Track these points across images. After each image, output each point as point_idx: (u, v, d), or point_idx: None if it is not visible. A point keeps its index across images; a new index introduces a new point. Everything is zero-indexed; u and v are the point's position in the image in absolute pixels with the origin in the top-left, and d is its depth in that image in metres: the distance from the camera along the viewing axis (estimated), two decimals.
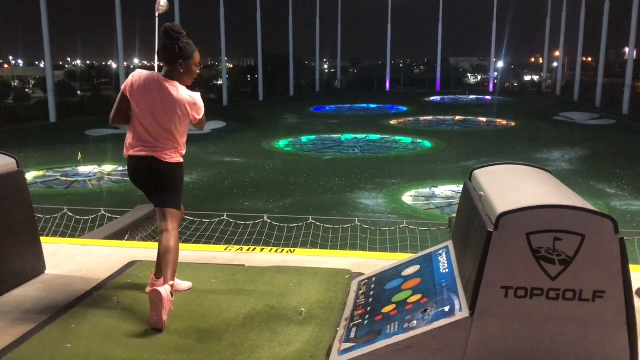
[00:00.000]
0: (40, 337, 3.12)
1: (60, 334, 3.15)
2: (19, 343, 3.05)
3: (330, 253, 5.12)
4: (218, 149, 19.83)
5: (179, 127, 3.43)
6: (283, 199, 13.18)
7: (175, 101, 3.35)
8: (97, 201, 12.23)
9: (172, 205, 3.50)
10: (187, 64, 3.40)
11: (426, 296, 2.97)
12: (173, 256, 3.40)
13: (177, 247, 3.46)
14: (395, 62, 59.29)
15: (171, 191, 3.50)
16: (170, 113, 3.36)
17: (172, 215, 3.50)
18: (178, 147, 3.49)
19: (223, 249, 4.93)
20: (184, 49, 3.36)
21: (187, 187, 15.31)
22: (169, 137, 3.42)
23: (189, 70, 3.43)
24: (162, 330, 3.17)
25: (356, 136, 24.34)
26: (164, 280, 3.33)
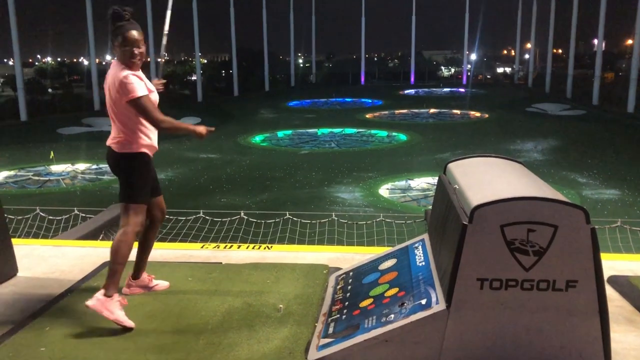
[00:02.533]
0: (13, 342, 3.06)
1: (34, 338, 3.10)
2: None
3: (308, 248, 5.13)
4: (193, 145, 19.64)
5: (116, 110, 3.28)
6: (260, 195, 13.13)
7: (110, 82, 3.29)
8: (70, 200, 12.02)
9: (122, 198, 3.38)
10: (119, 44, 3.25)
11: (403, 289, 2.99)
12: (113, 256, 3.30)
13: (119, 247, 3.31)
14: (369, 56, 59.43)
15: (122, 183, 3.38)
16: (109, 96, 3.32)
17: (123, 210, 3.38)
18: (127, 136, 3.32)
19: (199, 246, 4.89)
20: (114, 31, 3.27)
21: (162, 183, 15.07)
22: (116, 124, 3.34)
23: (122, 51, 3.25)
24: (131, 328, 3.16)
25: (332, 130, 24.36)
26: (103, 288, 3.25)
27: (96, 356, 2.92)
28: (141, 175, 3.40)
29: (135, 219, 3.37)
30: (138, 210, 3.38)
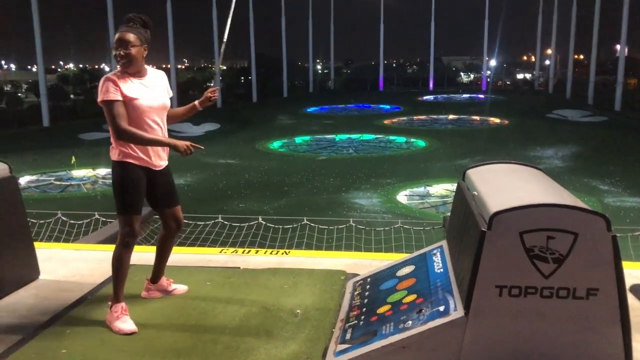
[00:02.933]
0: (35, 343, 3.11)
1: (56, 340, 3.14)
2: (14, 350, 3.04)
3: (325, 254, 5.13)
4: (212, 150, 19.78)
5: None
6: (278, 200, 13.17)
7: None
8: (91, 205, 12.17)
9: (116, 209, 3.34)
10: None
11: (421, 296, 2.98)
12: (112, 270, 3.36)
13: (115, 259, 3.33)
14: (388, 62, 59.36)
15: (113, 192, 3.36)
16: None
17: (118, 221, 3.37)
18: (114, 142, 3.30)
19: (218, 251, 4.92)
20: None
21: (181, 189, 15.24)
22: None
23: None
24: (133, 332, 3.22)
25: (350, 136, 24.35)
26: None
27: (115, 358, 2.95)
28: (125, 186, 3.30)
29: (123, 230, 3.33)
30: (125, 221, 3.32)
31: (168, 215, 3.59)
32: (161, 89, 3.39)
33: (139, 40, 3.22)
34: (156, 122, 3.34)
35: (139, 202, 3.38)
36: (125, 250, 3.35)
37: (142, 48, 3.25)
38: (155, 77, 3.40)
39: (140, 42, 3.24)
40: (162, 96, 3.38)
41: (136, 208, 3.36)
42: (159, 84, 3.39)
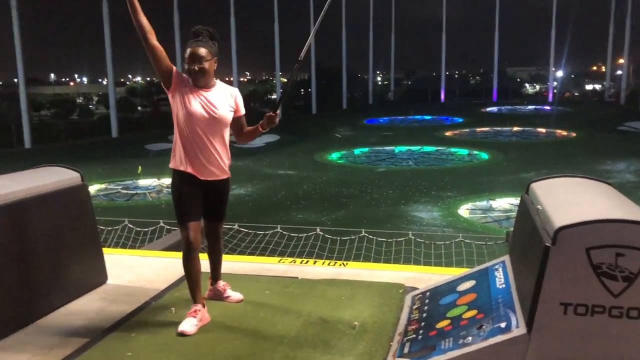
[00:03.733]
0: (102, 345, 3.24)
1: (121, 343, 3.26)
2: (82, 350, 3.17)
3: (384, 267, 5.09)
4: (272, 161, 20.08)
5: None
6: (336, 212, 13.19)
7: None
8: (156, 213, 12.59)
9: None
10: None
11: (482, 312, 2.91)
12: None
13: (183, 265, 3.44)
14: (450, 73, 58.62)
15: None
16: None
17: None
18: (172, 151, 3.45)
19: (276, 261, 4.98)
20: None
21: (241, 199, 15.50)
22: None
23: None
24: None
25: (410, 148, 24.14)
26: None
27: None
28: (177, 194, 3.42)
29: (182, 235, 3.42)
30: (181, 229, 3.42)
31: (208, 228, 3.64)
32: (222, 104, 3.35)
33: (210, 54, 3.25)
34: (205, 134, 3.30)
35: (191, 211, 3.40)
36: (187, 257, 3.40)
37: (213, 61, 3.28)
38: (222, 91, 3.38)
39: (212, 55, 3.26)
40: (219, 111, 3.32)
41: (188, 216, 3.39)
42: (223, 99, 3.36)
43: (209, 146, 3.32)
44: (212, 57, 3.26)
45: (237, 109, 3.46)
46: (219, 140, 3.36)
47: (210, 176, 3.39)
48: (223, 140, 3.39)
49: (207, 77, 3.26)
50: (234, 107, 3.43)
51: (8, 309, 3.43)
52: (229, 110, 3.39)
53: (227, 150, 3.45)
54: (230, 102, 3.40)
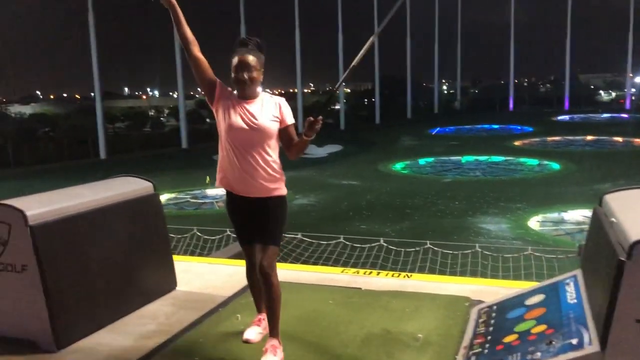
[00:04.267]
0: (172, 350, 3.36)
1: (189, 347, 3.36)
2: (153, 354, 3.30)
3: (449, 279, 5.00)
4: (335, 171, 20.16)
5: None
6: (400, 223, 13.07)
7: None
8: (223, 222, 12.89)
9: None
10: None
11: (551, 327, 2.81)
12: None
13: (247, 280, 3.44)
14: (519, 81, 57.02)
15: None
16: None
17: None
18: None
19: (340, 271, 4.99)
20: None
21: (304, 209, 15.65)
22: None
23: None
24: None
25: (477, 158, 23.61)
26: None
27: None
28: (228, 213, 3.32)
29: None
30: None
31: (255, 250, 3.24)
32: (264, 114, 3.07)
33: (259, 63, 3.07)
34: (245, 147, 3.04)
35: (239, 233, 3.32)
36: (247, 275, 3.42)
37: (261, 72, 3.10)
38: (266, 101, 3.12)
39: (260, 65, 3.09)
40: (259, 120, 3.04)
41: (240, 240, 3.34)
42: (265, 109, 3.09)
43: (250, 160, 3.05)
44: (260, 67, 3.09)
45: (283, 119, 3.14)
46: (261, 153, 3.06)
47: (251, 192, 3.11)
48: (266, 153, 3.08)
49: (253, 87, 3.07)
50: (278, 117, 3.12)
51: (86, 310, 3.62)
52: (271, 119, 3.08)
53: (274, 165, 3.11)
54: (273, 111, 3.11)
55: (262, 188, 3.10)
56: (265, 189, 3.11)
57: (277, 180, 3.14)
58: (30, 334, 3.44)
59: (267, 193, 3.12)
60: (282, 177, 3.17)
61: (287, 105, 3.17)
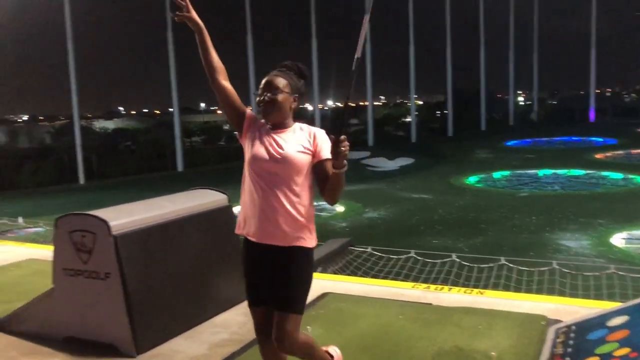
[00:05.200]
0: (244, 358, 3.43)
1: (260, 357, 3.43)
2: None
3: (524, 297, 4.83)
4: (406, 185, 19.96)
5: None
6: (473, 238, 12.75)
7: None
8: None
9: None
10: None
11: (636, 350, 2.66)
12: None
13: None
14: (601, 91, 54.46)
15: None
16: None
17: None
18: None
19: (410, 286, 4.94)
20: None
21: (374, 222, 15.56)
22: None
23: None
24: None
25: (555, 171, 22.69)
26: None
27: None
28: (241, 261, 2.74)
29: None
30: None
31: (266, 316, 2.66)
32: (292, 143, 2.59)
33: (289, 87, 2.61)
34: (266, 181, 2.55)
35: (249, 290, 2.70)
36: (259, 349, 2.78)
37: (292, 98, 2.62)
38: (298, 132, 2.65)
39: (291, 90, 2.61)
40: (284, 150, 2.56)
41: (248, 297, 2.72)
42: (294, 138, 2.61)
43: (271, 199, 2.53)
44: (291, 91, 2.61)
45: (317, 151, 2.58)
46: (285, 191, 2.53)
47: (269, 239, 2.56)
48: (292, 192, 2.55)
49: (278, 112, 2.59)
50: (310, 149, 2.58)
51: (164, 317, 3.77)
52: (299, 150, 2.56)
53: (300, 208, 2.56)
54: (303, 141, 2.60)
55: (281, 235, 2.54)
56: (286, 237, 2.54)
57: (303, 227, 2.57)
58: (111, 338, 3.62)
59: (287, 241, 2.55)
60: (309, 225, 2.61)
61: (326, 137, 2.61)
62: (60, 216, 3.76)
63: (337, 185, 2.50)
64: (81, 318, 3.72)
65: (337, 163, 2.40)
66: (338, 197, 2.55)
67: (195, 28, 2.63)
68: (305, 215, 2.57)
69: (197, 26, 2.63)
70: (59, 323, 3.80)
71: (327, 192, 2.54)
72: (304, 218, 2.57)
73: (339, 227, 13.68)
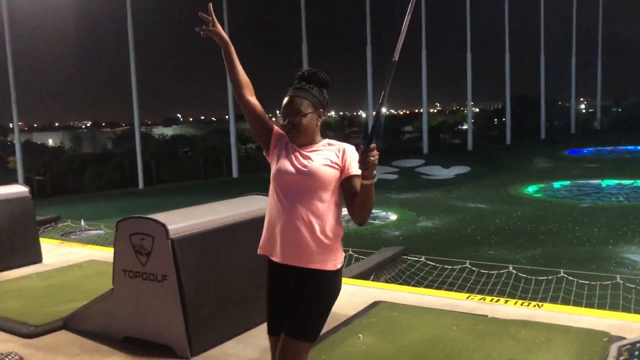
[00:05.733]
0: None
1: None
2: None
3: (585, 311, 4.64)
4: (461, 194, 19.60)
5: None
6: (531, 249, 12.37)
7: None
8: (345, 241, 13.01)
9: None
10: None
11: None
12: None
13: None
14: None
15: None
16: None
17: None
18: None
19: (465, 297, 4.84)
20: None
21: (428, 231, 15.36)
22: None
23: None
24: None
25: (620, 182, 21.76)
26: None
27: None
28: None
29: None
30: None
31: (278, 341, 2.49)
32: (318, 158, 2.46)
33: (311, 106, 2.48)
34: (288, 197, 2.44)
35: (269, 313, 2.59)
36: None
37: (316, 114, 2.51)
38: (326, 147, 2.52)
39: (314, 107, 2.49)
40: (309, 164, 2.44)
41: (268, 326, 2.60)
42: (321, 154, 2.49)
43: (293, 214, 2.41)
44: (315, 109, 2.49)
45: (345, 167, 2.44)
46: (309, 207, 2.41)
47: (289, 258, 2.44)
48: (317, 209, 2.41)
49: (303, 134, 2.48)
50: (338, 164, 2.44)
51: (218, 321, 3.83)
52: (325, 164, 2.43)
53: (324, 227, 2.42)
54: (331, 156, 2.47)
55: (302, 254, 2.40)
56: (305, 256, 2.40)
57: (326, 249, 2.41)
58: (167, 339, 3.71)
59: (307, 262, 2.41)
60: (334, 247, 2.45)
61: (355, 153, 2.43)
62: (121, 219, 3.89)
63: (366, 200, 2.32)
64: (139, 319, 3.84)
65: (367, 173, 2.26)
66: (367, 215, 2.39)
67: (221, 43, 2.56)
68: (329, 234, 2.42)
69: (223, 41, 2.56)
70: (119, 323, 3.94)
71: (355, 207, 2.37)
72: (327, 238, 2.41)
73: (392, 235, 13.57)
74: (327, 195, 2.42)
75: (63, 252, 7.06)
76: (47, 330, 4.15)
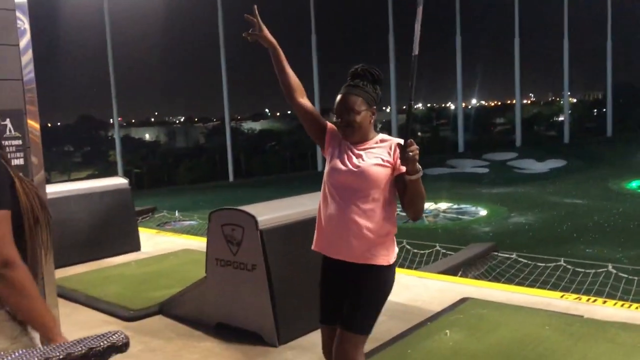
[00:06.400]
0: (381, 357, 3.46)
1: (398, 356, 3.43)
2: None
3: None
4: (557, 188, 18.70)
5: None
6: (634, 248, 11.60)
7: None
8: (432, 237, 12.83)
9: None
10: None
11: None
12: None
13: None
14: None
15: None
16: None
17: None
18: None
19: (559, 296, 4.64)
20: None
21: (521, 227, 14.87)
22: None
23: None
24: None
25: None
26: None
27: None
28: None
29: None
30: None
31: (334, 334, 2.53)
32: (370, 156, 2.48)
33: (364, 103, 2.48)
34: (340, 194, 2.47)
35: (322, 304, 2.64)
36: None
37: (370, 112, 2.50)
38: (379, 145, 2.52)
39: (368, 105, 2.49)
40: (361, 162, 2.46)
41: (320, 314, 2.65)
42: (374, 151, 2.50)
43: (346, 211, 2.45)
44: (369, 107, 2.49)
45: (397, 164, 2.44)
46: (359, 205, 2.44)
47: (342, 254, 2.49)
48: (367, 206, 2.44)
49: (358, 132, 2.49)
50: (390, 162, 2.45)
51: (304, 311, 3.91)
52: (377, 163, 2.44)
53: (377, 224, 2.44)
54: (383, 154, 2.47)
55: (354, 250, 2.44)
56: (359, 252, 2.44)
57: (378, 245, 2.45)
58: (256, 327, 3.84)
59: (360, 258, 2.45)
60: (386, 243, 2.48)
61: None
62: (213, 210, 4.06)
63: (415, 195, 2.35)
64: (230, 306, 3.99)
65: (409, 168, 2.30)
66: (420, 211, 2.41)
67: (269, 47, 2.57)
68: (383, 232, 2.45)
69: (271, 45, 2.56)
70: (211, 309, 4.11)
71: (406, 204, 2.40)
72: (378, 235, 2.44)
73: (482, 231, 13.20)
74: (378, 193, 2.44)
75: (159, 241, 7.46)
76: (144, 315, 4.41)
